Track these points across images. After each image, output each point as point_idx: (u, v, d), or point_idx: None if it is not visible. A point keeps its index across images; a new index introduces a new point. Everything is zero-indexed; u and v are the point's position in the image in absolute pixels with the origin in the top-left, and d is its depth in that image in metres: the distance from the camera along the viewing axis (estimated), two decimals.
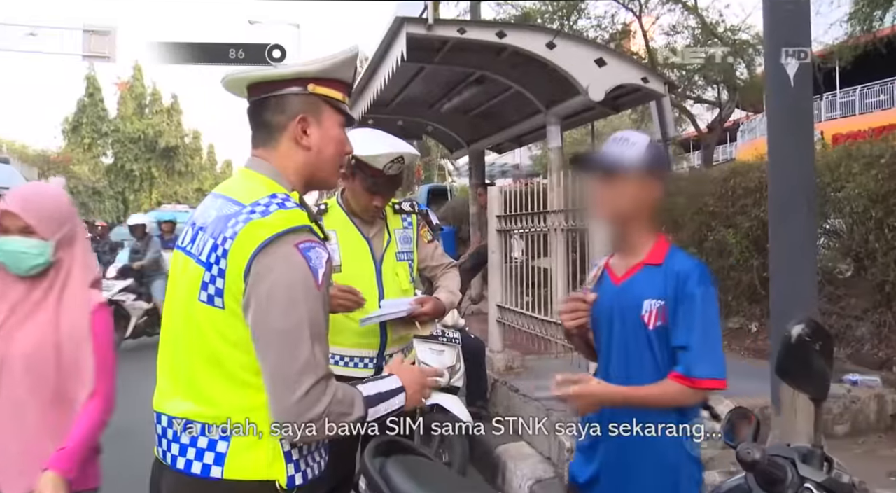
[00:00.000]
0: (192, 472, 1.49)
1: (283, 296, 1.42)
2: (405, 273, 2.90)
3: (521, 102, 8.40)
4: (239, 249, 1.44)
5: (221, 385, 1.49)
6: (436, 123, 10.94)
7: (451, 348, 4.55)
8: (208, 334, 1.48)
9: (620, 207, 2.01)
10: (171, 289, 1.63)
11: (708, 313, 1.96)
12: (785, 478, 1.34)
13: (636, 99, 8.25)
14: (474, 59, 7.56)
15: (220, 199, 1.58)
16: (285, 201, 1.52)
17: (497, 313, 5.60)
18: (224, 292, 1.45)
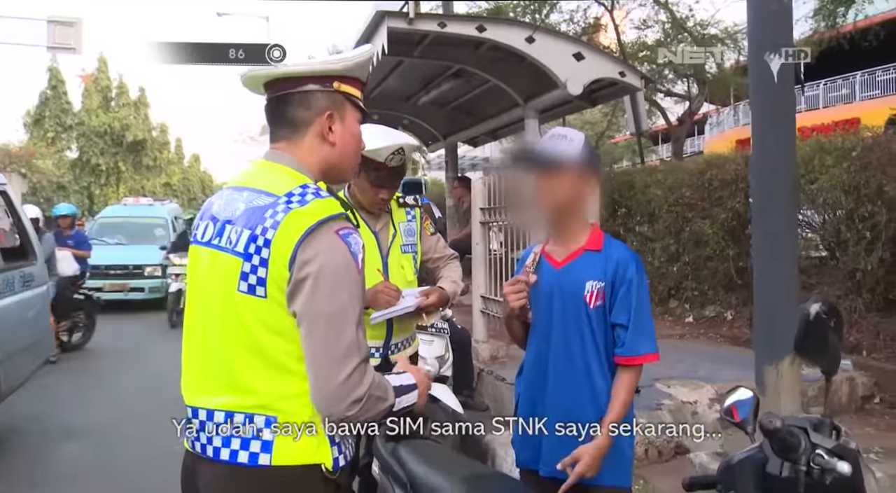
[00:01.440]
0: (238, 462, 1.51)
1: (329, 281, 1.46)
2: (410, 265, 2.98)
3: (498, 96, 8.49)
4: (283, 238, 1.46)
5: (264, 374, 1.50)
6: (412, 117, 10.98)
7: (440, 339, 4.62)
8: (250, 323, 1.50)
9: (561, 199, 2.19)
10: (197, 284, 1.64)
11: (642, 296, 2.21)
12: (799, 445, 1.44)
13: (612, 93, 8.38)
14: (453, 53, 7.62)
15: (245, 191, 1.59)
16: (319, 191, 1.56)
17: (481, 304, 5.69)
18: (267, 281, 1.47)
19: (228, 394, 1.53)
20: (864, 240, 5.73)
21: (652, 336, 2.22)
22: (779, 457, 1.48)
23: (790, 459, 1.45)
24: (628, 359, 2.18)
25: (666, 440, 4.14)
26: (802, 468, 1.44)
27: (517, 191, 2.54)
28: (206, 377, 1.58)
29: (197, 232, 1.65)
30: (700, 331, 7.12)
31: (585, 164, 2.18)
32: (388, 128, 3.02)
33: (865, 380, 5.21)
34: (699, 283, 7.53)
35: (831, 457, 1.43)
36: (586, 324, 2.21)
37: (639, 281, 2.20)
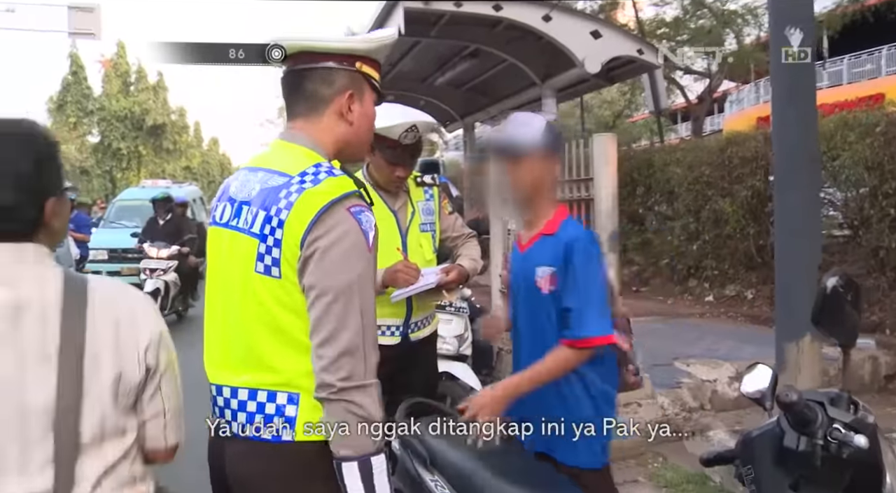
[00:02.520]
0: (262, 438, 1.51)
1: (338, 255, 1.45)
2: (428, 244, 2.99)
3: (515, 75, 8.45)
4: (296, 218, 1.46)
5: (285, 352, 1.51)
6: (428, 98, 10.96)
7: (459, 318, 4.63)
8: (268, 303, 1.50)
9: (525, 185, 2.19)
10: (217, 264, 1.64)
11: (589, 276, 2.10)
12: (816, 419, 1.44)
13: (630, 71, 8.33)
14: (469, 32, 7.60)
15: (259, 172, 1.59)
16: (332, 169, 1.55)
17: (500, 283, 5.68)
18: (280, 261, 1.47)
19: (251, 372, 1.53)
20: (887, 217, 5.67)
21: (600, 319, 2.08)
22: (795, 431, 1.48)
23: (807, 433, 1.46)
24: (570, 342, 2.06)
25: (684, 417, 4.15)
26: (819, 442, 1.44)
27: (484, 179, 2.54)
28: (229, 356, 1.58)
29: (216, 213, 1.65)
30: (720, 310, 7.09)
31: (547, 149, 2.18)
32: (404, 106, 3.03)
33: (889, 359, 5.17)
34: (719, 261, 7.49)
35: (848, 431, 1.43)
36: (543, 310, 2.17)
37: (584, 262, 2.10)
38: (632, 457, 3.90)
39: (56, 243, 1.46)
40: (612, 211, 4.05)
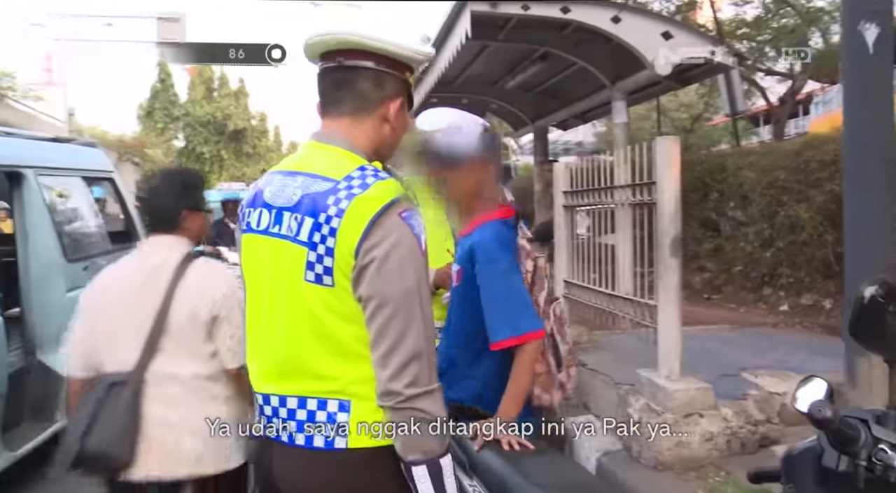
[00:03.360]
0: (314, 446, 1.51)
1: (395, 264, 1.44)
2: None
3: (585, 78, 8.36)
4: (349, 226, 1.44)
5: (336, 360, 1.50)
6: (500, 101, 10.96)
7: None
8: (318, 311, 1.49)
9: (460, 190, 2.30)
10: (256, 273, 1.61)
11: (493, 280, 2.19)
12: (858, 438, 1.35)
13: (704, 72, 8.12)
14: (538, 35, 7.56)
15: (298, 176, 1.55)
16: (377, 172, 1.53)
17: (564, 289, 5.63)
18: (333, 270, 1.46)
19: (301, 380, 1.53)
20: None
21: (510, 321, 2.16)
22: (836, 450, 1.40)
23: (848, 452, 1.37)
24: (493, 345, 2.18)
25: (750, 431, 4.00)
26: (862, 463, 1.35)
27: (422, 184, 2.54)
28: (277, 365, 1.57)
29: (250, 220, 1.62)
30: (795, 320, 6.81)
31: (481, 155, 2.27)
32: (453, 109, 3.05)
33: None
34: (795, 269, 7.20)
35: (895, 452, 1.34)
36: (457, 303, 2.35)
37: (483, 266, 2.19)
38: (692, 469, 3.78)
39: (195, 239, 2.49)
40: (675, 215, 3.93)
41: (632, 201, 4.46)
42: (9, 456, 3.93)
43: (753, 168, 7.64)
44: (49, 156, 4.85)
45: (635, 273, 4.67)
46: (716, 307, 7.81)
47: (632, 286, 4.62)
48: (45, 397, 4.39)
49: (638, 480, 3.73)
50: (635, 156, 4.32)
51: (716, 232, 8.50)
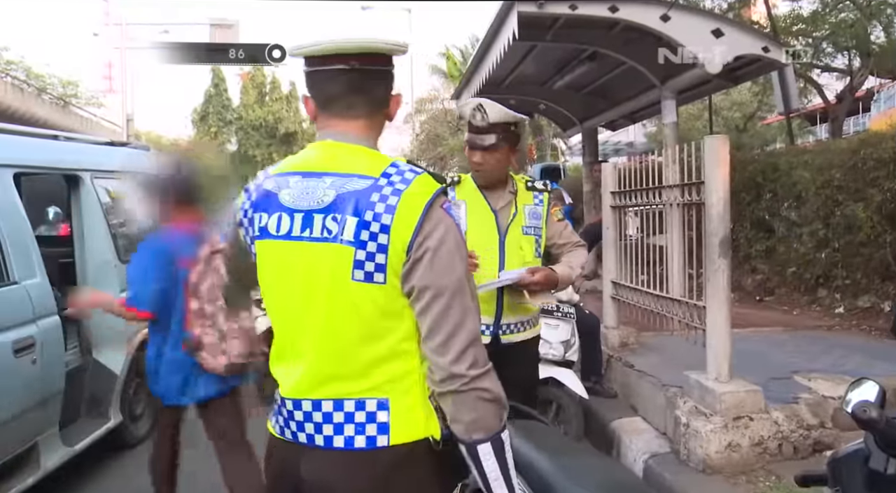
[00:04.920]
0: (356, 447, 1.52)
1: (447, 254, 1.48)
2: (530, 247, 3.00)
3: (634, 78, 8.27)
4: (401, 222, 1.46)
5: (376, 358, 1.52)
6: (548, 102, 10.92)
7: (566, 323, 4.60)
8: (366, 310, 1.50)
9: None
10: (282, 280, 1.59)
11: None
12: None
13: (756, 70, 7.97)
14: (586, 35, 7.52)
15: (325, 177, 1.54)
16: (412, 167, 1.55)
17: (612, 290, 5.59)
18: (386, 267, 1.47)
19: (337, 382, 1.54)
20: None
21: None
22: (884, 452, 1.38)
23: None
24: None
25: (803, 435, 3.92)
26: None
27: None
28: (312, 370, 1.56)
29: (266, 226, 1.57)
30: (852, 322, 6.63)
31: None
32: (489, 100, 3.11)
33: None
34: (851, 271, 7.00)
35: None
36: None
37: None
38: (742, 473, 3.73)
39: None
40: (724, 215, 3.88)
41: (680, 202, 4.42)
42: (67, 451, 4.05)
43: (808, 167, 7.46)
44: (104, 159, 4.98)
45: (684, 274, 4.62)
46: (768, 309, 7.66)
47: (681, 287, 4.56)
48: (100, 394, 4.54)
49: (686, 483, 3.69)
50: (684, 155, 4.27)
51: (769, 233, 8.33)
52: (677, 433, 3.98)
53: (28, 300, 3.77)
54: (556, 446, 2.29)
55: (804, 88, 14.15)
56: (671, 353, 5.16)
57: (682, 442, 3.91)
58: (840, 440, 3.93)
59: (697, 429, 3.80)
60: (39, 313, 3.81)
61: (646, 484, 2.27)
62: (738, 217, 8.09)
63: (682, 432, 3.92)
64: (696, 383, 4.02)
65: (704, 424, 3.79)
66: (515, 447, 2.25)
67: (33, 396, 3.68)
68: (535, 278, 2.86)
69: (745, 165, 8.46)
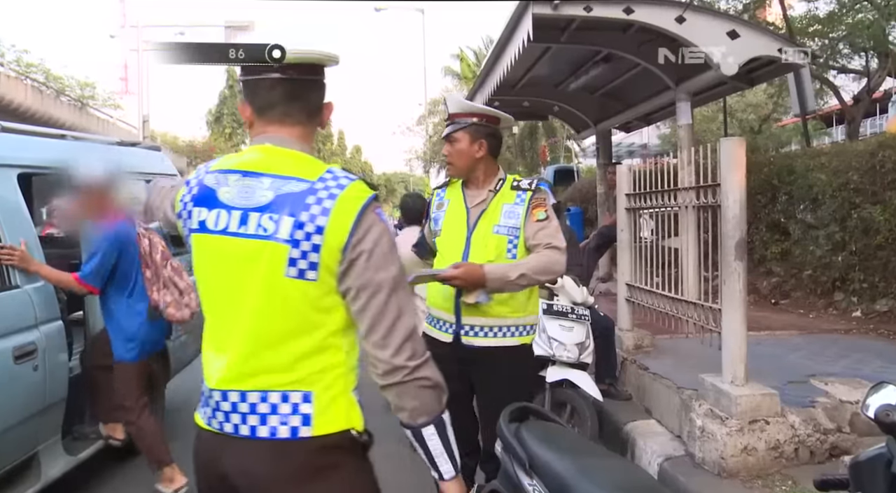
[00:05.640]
0: (278, 437, 1.57)
1: (381, 255, 1.57)
2: (497, 246, 2.95)
3: (649, 79, 8.23)
4: (336, 224, 1.54)
5: (304, 351, 1.58)
6: (562, 103, 10.88)
7: (581, 325, 4.60)
8: (297, 305, 1.57)
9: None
10: (216, 273, 1.65)
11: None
12: None
13: (772, 71, 7.89)
14: (600, 37, 7.49)
15: (265, 178, 1.60)
16: (347, 173, 1.64)
17: (626, 292, 5.58)
18: (319, 265, 1.54)
19: (263, 374, 1.59)
20: None
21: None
22: None
23: None
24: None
25: (819, 439, 3.90)
26: None
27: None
28: (241, 361, 1.61)
29: (205, 220, 1.64)
30: (869, 326, 6.58)
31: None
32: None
33: None
34: (868, 274, 6.95)
35: None
36: None
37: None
38: (758, 478, 3.71)
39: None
40: (740, 218, 3.87)
41: (696, 204, 4.40)
42: (69, 460, 3.92)
43: (824, 169, 7.42)
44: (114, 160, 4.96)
45: (699, 277, 4.61)
46: (784, 313, 7.61)
47: (696, 290, 4.55)
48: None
49: (701, 487, 3.68)
50: (699, 158, 4.26)
51: (784, 235, 8.28)
52: (692, 436, 3.97)
53: (30, 305, 3.64)
54: (572, 446, 2.29)
55: (820, 90, 14.05)
56: (686, 356, 5.15)
57: (698, 445, 3.90)
58: (858, 445, 3.91)
59: (713, 432, 3.79)
60: (42, 318, 3.68)
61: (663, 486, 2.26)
62: (754, 219, 8.05)
63: (697, 435, 3.91)
64: (711, 386, 4.00)
65: (720, 427, 3.77)
66: (531, 448, 2.26)
67: (34, 404, 3.55)
68: (454, 272, 2.83)
69: (760, 168, 8.42)
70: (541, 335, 4.46)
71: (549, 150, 29.62)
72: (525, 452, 2.26)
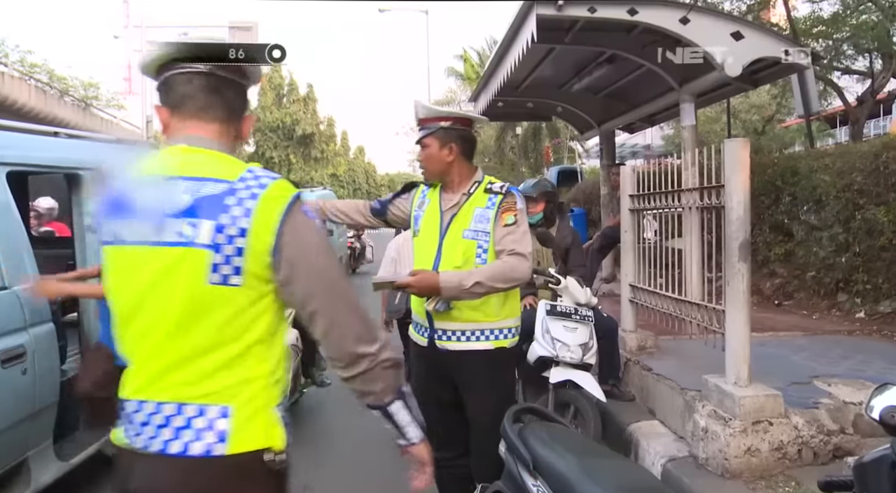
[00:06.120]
0: (190, 454, 1.47)
1: (317, 254, 1.54)
2: (466, 250, 2.93)
3: (653, 80, 8.23)
4: (260, 226, 1.47)
5: (225, 361, 1.50)
6: (565, 104, 10.88)
7: (584, 326, 4.60)
8: (220, 313, 1.48)
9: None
10: (135, 283, 1.54)
11: None
12: None
13: (776, 73, 7.88)
14: (605, 38, 7.49)
15: (181, 181, 1.51)
16: (269, 172, 1.56)
17: (630, 293, 5.58)
18: (243, 270, 1.47)
19: (180, 386, 1.51)
20: None
21: None
22: None
23: None
24: None
25: (823, 441, 3.90)
26: None
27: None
28: (158, 372, 1.53)
29: (117, 231, 1.55)
30: (873, 328, 6.56)
31: None
32: None
33: None
34: (872, 275, 6.94)
35: None
36: None
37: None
38: (761, 478, 3.71)
39: None
40: (744, 219, 3.87)
41: (700, 205, 4.41)
42: (61, 466, 3.82)
43: (828, 171, 7.41)
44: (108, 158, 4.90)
45: (703, 278, 4.61)
46: (787, 314, 7.60)
47: (700, 291, 4.55)
48: None
49: (705, 487, 3.68)
50: (703, 159, 4.26)
51: (788, 236, 8.27)
52: (696, 436, 3.97)
53: (19, 307, 3.49)
54: (576, 447, 2.30)
55: (824, 91, 14.02)
56: (689, 357, 5.15)
57: (701, 446, 3.90)
58: (861, 446, 3.91)
59: (716, 433, 3.79)
60: (32, 320, 3.55)
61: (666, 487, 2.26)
62: (757, 221, 8.04)
63: (700, 436, 3.91)
64: (714, 387, 4.01)
65: (723, 428, 3.77)
66: (534, 449, 2.27)
67: (24, 408, 3.43)
68: (409, 280, 2.84)
69: (763, 169, 8.41)
70: (544, 336, 4.47)
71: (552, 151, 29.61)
72: (529, 452, 2.27)
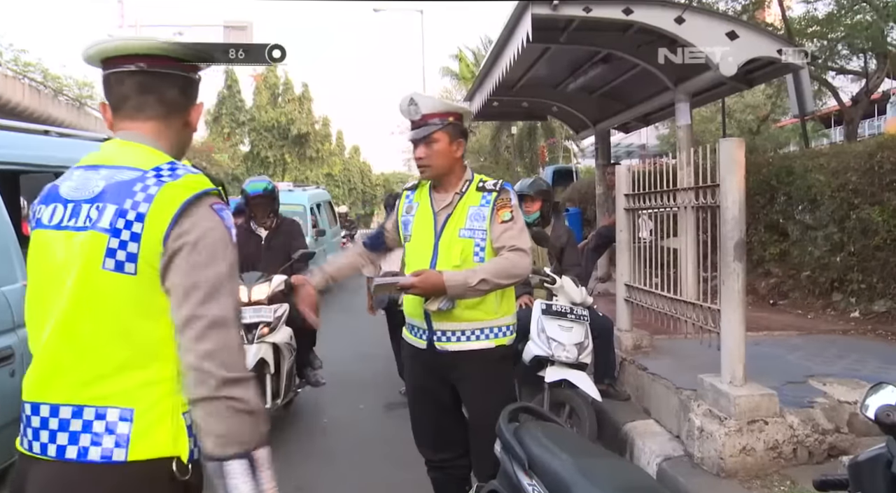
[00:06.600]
0: (88, 459, 1.39)
1: (207, 251, 1.42)
2: (463, 249, 2.92)
3: (648, 80, 8.23)
4: (158, 211, 1.41)
5: (126, 361, 1.42)
6: (561, 104, 10.88)
7: (580, 325, 4.60)
8: (116, 304, 1.42)
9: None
10: (43, 272, 1.51)
11: None
12: None
13: (771, 72, 7.89)
14: (600, 37, 7.49)
15: (101, 169, 1.50)
16: (189, 168, 1.52)
17: (625, 292, 5.58)
18: (138, 257, 1.40)
19: (78, 387, 1.42)
20: None
21: None
22: None
23: None
24: None
25: (818, 440, 3.90)
26: None
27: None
28: (53, 369, 1.45)
29: (40, 216, 1.53)
30: (867, 327, 6.58)
31: None
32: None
33: None
34: (867, 275, 6.95)
35: None
36: None
37: None
38: (757, 478, 3.72)
39: None
40: (739, 219, 3.87)
41: (695, 204, 4.41)
42: None
43: (823, 170, 7.42)
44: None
45: (698, 277, 4.61)
46: (782, 313, 7.62)
47: (694, 291, 4.55)
48: None
49: (700, 487, 3.68)
50: (698, 158, 4.26)
51: (783, 236, 8.29)
52: (691, 436, 3.97)
53: (7, 307, 3.42)
54: (571, 446, 2.29)
55: (819, 91, 14.04)
56: (685, 356, 5.15)
57: (696, 445, 3.90)
58: (856, 445, 3.91)
59: (712, 432, 3.79)
60: (20, 321, 3.35)
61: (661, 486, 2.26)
62: (752, 220, 8.05)
63: (695, 435, 3.91)
64: (710, 386, 4.01)
65: (719, 427, 3.77)
66: (530, 448, 2.26)
67: (12, 411, 3.32)
68: (413, 280, 2.80)
69: (758, 168, 8.42)
70: (540, 335, 4.47)
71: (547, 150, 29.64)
72: (524, 452, 2.26)
